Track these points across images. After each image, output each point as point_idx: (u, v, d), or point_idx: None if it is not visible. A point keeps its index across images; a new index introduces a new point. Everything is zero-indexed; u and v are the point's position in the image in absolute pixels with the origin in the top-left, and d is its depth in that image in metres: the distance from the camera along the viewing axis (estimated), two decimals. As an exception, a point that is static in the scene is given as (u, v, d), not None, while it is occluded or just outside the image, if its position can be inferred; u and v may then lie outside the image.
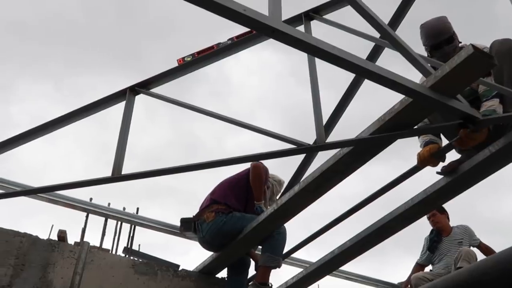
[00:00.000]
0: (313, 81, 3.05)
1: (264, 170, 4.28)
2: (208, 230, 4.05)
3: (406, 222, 3.55)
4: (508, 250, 2.56)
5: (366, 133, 2.80)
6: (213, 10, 1.97)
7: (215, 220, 4.05)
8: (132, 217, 5.00)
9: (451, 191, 3.21)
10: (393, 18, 3.64)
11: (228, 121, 3.14)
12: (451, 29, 3.30)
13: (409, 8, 3.65)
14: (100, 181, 3.02)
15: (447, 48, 3.22)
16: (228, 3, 1.95)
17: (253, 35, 3.36)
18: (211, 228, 4.04)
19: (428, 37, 3.29)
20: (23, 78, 15.40)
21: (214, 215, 4.08)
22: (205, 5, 1.94)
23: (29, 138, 3.29)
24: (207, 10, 1.98)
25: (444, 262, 4.94)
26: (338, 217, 4.01)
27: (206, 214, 4.13)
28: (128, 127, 3.14)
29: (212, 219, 4.07)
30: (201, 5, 1.95)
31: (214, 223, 4.04)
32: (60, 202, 4.48)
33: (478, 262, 3.29)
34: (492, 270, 2.47)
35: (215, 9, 1.96)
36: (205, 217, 4.12)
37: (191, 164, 2.95)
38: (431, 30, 3.29)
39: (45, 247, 3.81)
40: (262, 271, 3.96)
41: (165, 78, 3.41)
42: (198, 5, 1.95)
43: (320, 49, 2.15)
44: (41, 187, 3.46)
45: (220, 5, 1.94)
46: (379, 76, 2.28)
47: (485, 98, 2.91)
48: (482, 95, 2.95)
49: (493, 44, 3.04)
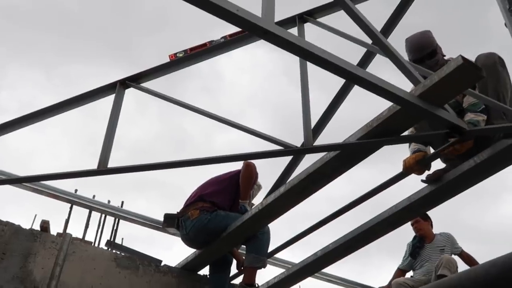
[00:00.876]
0: (304, 84, 3.07)
1: (255, 172, 4.28)
2: (192, 227, 4.05)
3: (389, 227, 3.59)
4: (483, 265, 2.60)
5: (353, 138, 2.82)
6: (206, 9, 1.97)
7: (199, 217, 4.04)
8: (116, 211, 4.98)
9: (435, 199, 3.24)
10: (386, 25, 3.67)
11: (217, 119, 3.13)
12: (434, 43, 3.36)
13: (403, 16, 3.67)
14: (86, 173, 3.01)
15: (429, 62, 3.27)
16: (222, 2, 1.95)
17: (246, 34, 3.36)
18: (195, 225, 4.03)
19: (411, 51, 3.36)
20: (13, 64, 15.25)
21: (198, 213, 4.06)
22: (199, 3, 1.94)
23: (17, 126, 3.26)
24: (200, 9, 1.98)
25: (425, 269, 4.98)
26: (323, 219, 4.02)
27: (190, 211, 4.12)
28: (116, 121, 3.13)
29: (196, 216, 4.06)
30: (195, 4, 1.95)
31: (198, 220, 4.03)
32: (44, 192, 4.45)
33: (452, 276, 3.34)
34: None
35: (208, 8, 1.96)
36: (189, 214, 4.10)
37: (179, 161, 2.95)
38: (414, 45, 3.36)
39: (27, 237, 3.79)
40: (248, 272, 3.97)
41: (156, 73, 3.40)
42: (192, 4, 1.95)
43: (311, 53, 2.16)
44: (26, 176, 3.44)
45: (213, 4, 1.94)
46: (368, 82, 2.30)
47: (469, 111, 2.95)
48: (467, 109, 2.99)
49: (478, 58, 3.09)
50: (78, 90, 14.31)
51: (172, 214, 4.24)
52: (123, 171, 3.02)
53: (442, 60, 3.34)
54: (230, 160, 3.27)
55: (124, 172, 3.01)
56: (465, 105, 3.03)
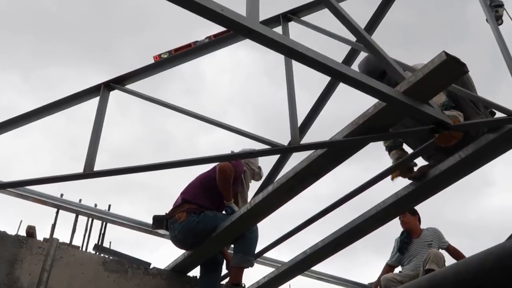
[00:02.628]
0: (289, 83, 3.07)
1: (231, 170, 4.15)
2: (180, 229, 4.03)
3: (377, 224, 3.61)
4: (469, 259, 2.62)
5: (340, 135, 2.83)
6: (190, 9, 1.96)
7: (187, 220, 4.02)
8: (103, 214, 4.94)
9: (422, 194, 3.28)
10: (370, 22, 3.69)
11: (204, 120, 3.12)
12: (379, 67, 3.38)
13: (386, 13, 3.70)
14: (72, 177, 2.97)
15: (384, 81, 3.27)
16: (206, 2, 1.94)
17: (230, 34, 3.36)
18: (184, 227, 4.02)
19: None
20: None
21: (186, 215, 4.05)
22: (183, 3, 1.93)
23: (0, 131, 3.22)
24: (185, 9, 1.97)
25: (413, 264, 5.02)
26: (311, 218, 4.03)
27: (178, 214, 4.10)
28: (101, 124, 3.10)
29: (184, 219, 4.04)
30: (179, 4, 1.94)
31: (187, 223, 4.02)
32: (30, 198, 4.39)
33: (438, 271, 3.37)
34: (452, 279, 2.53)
35: (193, 8, 1.95)
36: (177, 217, 4.09)
37: (165, 162, 2.93)
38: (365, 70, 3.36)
39: (13, 243, 3.74)
40: (235, 271, 3.96)
41: (140, 74, 3.38)
42: (177, 4, 1.94)
43: (296, 51, 2.16)
44: (10, 181, 3.39)
45: (198, 4, 1.93)
46: (353, 79, 2.31)
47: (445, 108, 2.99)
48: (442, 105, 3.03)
49: None
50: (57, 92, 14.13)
51: (161, 216, 4.22)
52: (109, 174, 2.99)
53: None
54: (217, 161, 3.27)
55: (111, 175, 2.98)
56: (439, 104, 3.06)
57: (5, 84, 14.63)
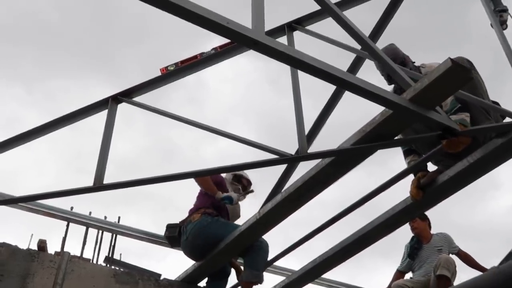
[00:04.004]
0: (295, 93, 3.08)
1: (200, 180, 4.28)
2: (191, 229, 4.10)
3: (387, 231, 3.60)
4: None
5: (347, 143, 2.83)
6: (197, 23, 1.98)
7: (200, 220, 4.11)
8: (113, 226, 4.96)
9: (431, 200, 3.27)
10: (374, 29, 3.69)
11: (212, 130, 3.14)
12: (400, 54, 3.44)
13: (390, 20, 3.70)
14: (82, 190, 3.00)
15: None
16: (212, 16, 1.97)
17: (236, 45, 3.38)
18: (195, 227, 4.09)
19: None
20: None
21: (200, 216, 4.14)
22: (189, 18, 1.96)
23: (7, 147, 3.26)
24: (190, 23, 1.99)
25: (424, 269, 4.99)
26: (320, 226, 4.05)
27: (192, 216, 4.20)
28: (110, 137, 3.13)
29: (198, 219, 4.13)
30: (185, 18, 1.96)
31: (199, 222, 4.10)
32: (40, 211, 4.42)
33: None
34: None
35: (198, 21, 1.97)
36: (191, 218, 4.19)
37: (173, 174, 2.95)
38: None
39: (25, 257, 3.76)
40: (244, 286, 4.03)
41: (148, 87, 3.41)
42: (182, 18, 1.97)
43: (302, 62, 2.18)
44: (22, 196, 3.42)
45: (203, 17, 1.95)
46: (359, 88, 2.32)
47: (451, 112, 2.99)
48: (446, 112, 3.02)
49: None
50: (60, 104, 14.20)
51: (175, 223, 4.29)
52: (119, 187, 3.01)
53: (413, 67, 3.39)
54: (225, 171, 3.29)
55: (120, 188, 3.01)
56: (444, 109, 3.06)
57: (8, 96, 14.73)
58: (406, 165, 3.46)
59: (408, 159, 3.42)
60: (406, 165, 3.46)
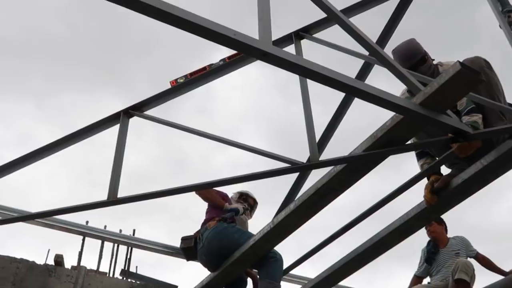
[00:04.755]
0: (305, 101, 3.09)
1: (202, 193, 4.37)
2: (207, 235, 4.15)
3: (402, 236, 3.58)
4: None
5: (359, 150, 2.83)
6: (203, 36, 2.00)
7: (217, 225, 4.18)
8: (128, 239, 4.99)
9: (445, 204, 3.24)
10: (382, 34, 3.70)
11: (223, 141, 3.16)
12: (422, 50, 3.35)
13: (398, 24, 3.70)
14: (97, 205, 3.02)
15: (423, 68, 3.23)
16: (219, 28, 1.98)
17: (244, 55, 3.40)
18: (211, 232, 4.15)
19: (402, 61, 3.26)
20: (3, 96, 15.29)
21: (216, 222, 4.21)
22: (196, 31, 1.97)
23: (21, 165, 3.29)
24: (197, 36, 2.01)
25: (441, 274, 4.94)
26: (336, 233, 4.04)
27: (208, 223, 4.26)
28: (123, 151, 3.15)
29: (214, 225, 4.19)
30: (192, 31, 1.98)
31: (216, 227, 4.16)
32: (56, 226, 4.47)
33: None
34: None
35: (205, 34, 1.99)
36: (207, 226, 4.24)
37: (186, 186, 2.96)
38: (404, 54, 3.30)
39: (42, 272, 3.80)
40: None
41: (158, 100, 3.44)
42: (189, 31, 1.98)
43: (311, 71, 2.18)
44: (38, 212, 3.44)
45: (210, 30, 1.97)
46: (369, 95, 2.31)
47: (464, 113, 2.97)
48: (461, 111, 3.00)
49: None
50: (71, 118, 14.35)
51: (189, 235, 4.33)
52: (133, 200, 3.02)
53: (433, 65, 3.34)
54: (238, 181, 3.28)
55: (135, 201, 3.02)
56: (459, 108, 3.04)
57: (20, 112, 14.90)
58: (419, 168, 3.43)
59: (421, 161, 3.39)
60: (419, 168, 3.43)
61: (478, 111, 2.99)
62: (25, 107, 15.52)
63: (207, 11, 3.85)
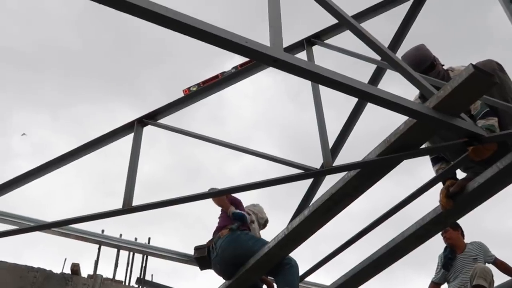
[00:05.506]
0: (318, 106, 3.09)
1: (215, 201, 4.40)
2: (221, 244, 4.14)
3: (418, 242, 3.54)
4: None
5: (372, 155, 2.81)
6: (215, 44, 2.01)
7: (229, 234, 4.18)
8: (144, 247, 5.01)
9: (462, 209, 3.20)
10: (394, 39, 3.69)
11: (236, 148, 3.17)
12: (431, 56, 3.30)
13: (409, 28, 3.70)
14: (112, 213, 3.05)
15: (432, 74, 3.17)
16: (230, 36, 1.99)
17: (256, 62, 3.42)
18: (225, 240, 4.14)
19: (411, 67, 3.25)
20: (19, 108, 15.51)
21: (228, 231, 4.20)
22: (207, 39, 1.99)
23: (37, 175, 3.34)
24: (209, 44, 2.02)
25: (459, 280, 4.87)
26: (351, 239, 4.02)
27: (221, 231, 4.25)
28: (137, 159, 3.18)
29: (227, 233, 4.19)
30: (204, 39, 2.00)
31: (229, 236, 4.16)
32: (72, 235, 4.51)
33: None
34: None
35: (217, 42, 2.00)
36: (219, 234, 4.24)
37: (201, 193, 2.99)
38: (412, 61, 3.23)
39: (59, 281, 3.84)
40: None
41: (172, 108, 3.47)
42: (201, 40, 2.00)
43: (323, 76, 2.18)
44: (55, 221, 3.49)
45: (222, 38, 1.98)
46: (382, 100, 2.31)
47: (478, 118, 2.94)
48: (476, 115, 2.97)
49: None
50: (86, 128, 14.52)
51: (202, 245, 4.32)
52: (148, 208, 3.05)
53: (442, 70, 3.31)
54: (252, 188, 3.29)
55: (150, 209, 3.05)
56: (473, 112, 3.01)
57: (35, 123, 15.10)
58: (434, 173, 3.41)
59: (436, 167, 3.37)
60: (434, 173, 3.41)
61: (493, 114, 2.96)
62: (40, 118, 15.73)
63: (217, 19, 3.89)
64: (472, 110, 3.01)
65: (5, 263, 3.84)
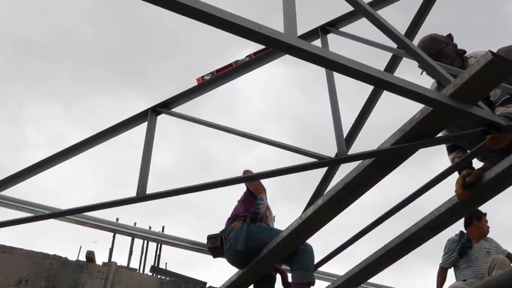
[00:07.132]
0: (332, 95, 3.06)
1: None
2: (234, 236, 4.13)
3: (432, 233, 3.51)
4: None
5: (387, 143, 2.78)
6: (228, 30, 2.00)
7: (242, 226, 4.16)
8: (158, 236, 5.05)
9: (478, 199, 3.16)
10: (410, 28, 3.63)
11: (251, 137, 3.16)
12: (437, 47, 3.22)
13: (425, 18, 3.63)
14: (127, 201, 3.06)
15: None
16: (244, 22, 1.98)
17: (270, 51, 3.39)
18: (237, 233, 4.12)
19: None
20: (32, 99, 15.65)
21: (241, 223, 4.19)
22: (221, 25, 1.98)
23: (52, 163, 3.36)
24: (223, 30, 2.01)
25: (473, 270, 4.86)
26: (364, 229, 4.00)
27: (234, 223, 4.24)
28: (151, 148, 3.19)
29: (239, 226, 4.18)
30: (217, 26, 1.98)
31: (241, 228, 4.14)
32: (87, 223, 4.55)
33: None
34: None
35: (230, 28, 1.99)
36: (232, 226, 4.22)
37: (214, 182, 2.98)
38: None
39: (74, 268, 3.88)
40: None
41: (185, 97, 3.46)
42: (214, 26, 1.99)
43: (338, 63, 2.15)
44: (69, 209, 3.52)
45: (235, 24, 1.97)
46: (399, 87, 2.27)
47: (498, 105, 2.88)
48: (495, 102, 2.92)
49: (498, 52, 3.00)
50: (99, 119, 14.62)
51: (215, 234, 4.32)
52: (161, 196, 3.05)
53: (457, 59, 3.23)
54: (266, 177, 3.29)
55: (163, 197, 3.05)
56: (493, 99, 2.95)
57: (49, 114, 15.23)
58: (450, 162, 3.36)
59: (452, 155, 3.32)
60: (450, 162, 3.36)
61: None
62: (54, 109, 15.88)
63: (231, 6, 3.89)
64: (491, 96, 2.96)
65: (22, 250, 3.89)
